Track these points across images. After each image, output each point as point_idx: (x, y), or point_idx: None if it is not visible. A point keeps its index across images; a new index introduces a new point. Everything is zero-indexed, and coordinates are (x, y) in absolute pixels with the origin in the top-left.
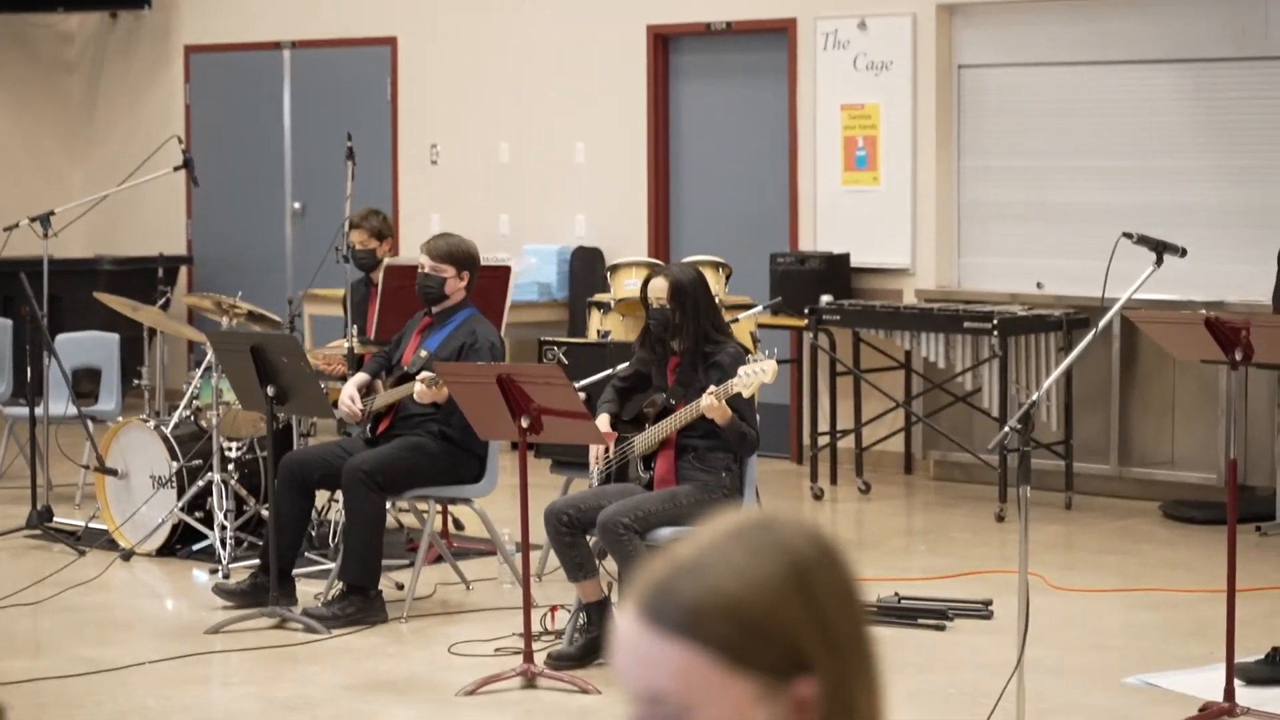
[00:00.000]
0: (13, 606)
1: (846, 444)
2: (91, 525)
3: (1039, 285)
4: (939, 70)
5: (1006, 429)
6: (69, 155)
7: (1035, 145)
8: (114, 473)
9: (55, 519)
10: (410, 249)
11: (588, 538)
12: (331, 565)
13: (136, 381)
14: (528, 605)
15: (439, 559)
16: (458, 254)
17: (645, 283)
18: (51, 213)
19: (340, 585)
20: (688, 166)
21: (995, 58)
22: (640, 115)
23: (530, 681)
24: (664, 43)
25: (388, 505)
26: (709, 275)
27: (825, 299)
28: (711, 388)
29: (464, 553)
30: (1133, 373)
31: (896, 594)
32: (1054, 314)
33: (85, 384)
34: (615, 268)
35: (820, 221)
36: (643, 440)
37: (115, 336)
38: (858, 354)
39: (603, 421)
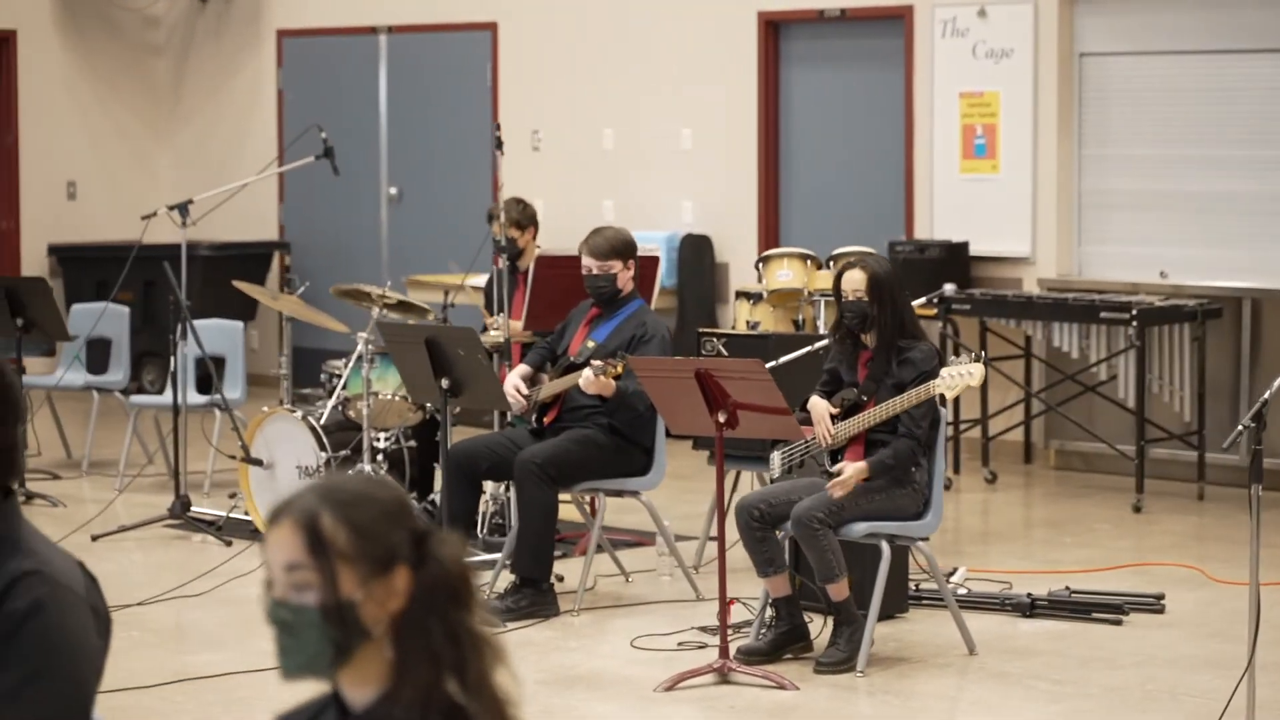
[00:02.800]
0: (179, 599)
1: (968, 433)
2: (230, 515)
3: (1162, 274)
4: (1060, 58)
5: (1241, 427)
6: (156, 138)
7: (1157, 134)
8: (259, 463)
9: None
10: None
11: (777, 532)
12: (489, 556)
13: (273, 370)
14: (723, 600)
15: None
16: (620, 246)
17: (839, 274)
18: (190, 201)
19: (512, 578)
20: (798, 154)
21: (1117, 46)
22: (750, 102)
23: (724, 677)
24: (774, 29)
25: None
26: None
27: (949, 287)
28: (842, 466)
29: (613, 544)
30: (1259, 362)
31: (1067, 587)
32: (1189, 304)
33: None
34: (767, 259)
35: (937, 210)
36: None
37: (239, 325)
38: (984, 344)
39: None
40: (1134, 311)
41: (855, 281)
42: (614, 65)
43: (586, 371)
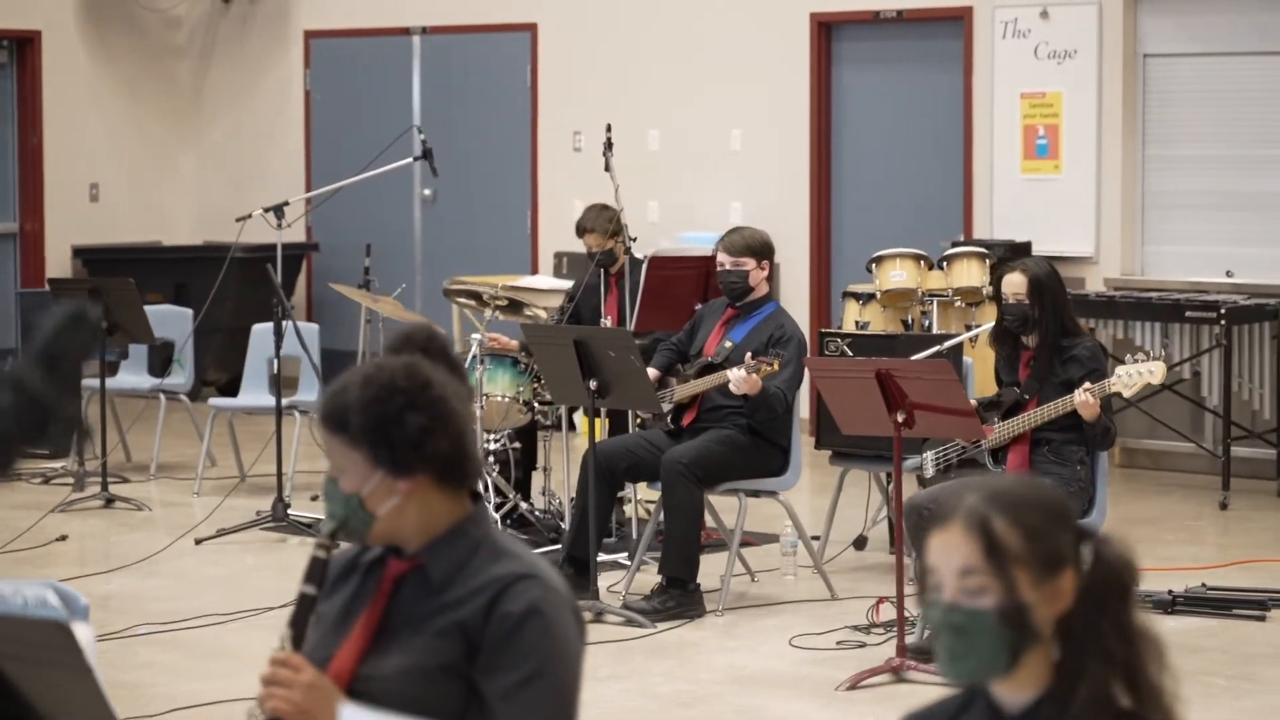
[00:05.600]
0: None
1: None
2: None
3: (1228, 274)
4: (1124, 59)
5: None
6: (178, 140)
7: (1221, 134)
8: None
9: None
10: (551, 236)
11: None
12: (609, 556)
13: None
14: (901, 599)
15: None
16: (755, 245)
17: (999, 278)
18: (285, 203)
19: (660, 578)
20: (850, 154)
21: (1181, 47)
22: (801, 103)
23: (900, 675)
24: (827, 30)
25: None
26: (976, 268)
27: None
28: (1088, 385)
29: (721, 545)
30: None
31: (1203, 584)
32: (1270, 303)
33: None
34: (880, 259)
35: (997, 210)
36: (996, 434)
37: (315, 327)
38: None
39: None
40: (1221, 310)
41: (1015, 284)
42: (659, 66)
43: (737, 370)
